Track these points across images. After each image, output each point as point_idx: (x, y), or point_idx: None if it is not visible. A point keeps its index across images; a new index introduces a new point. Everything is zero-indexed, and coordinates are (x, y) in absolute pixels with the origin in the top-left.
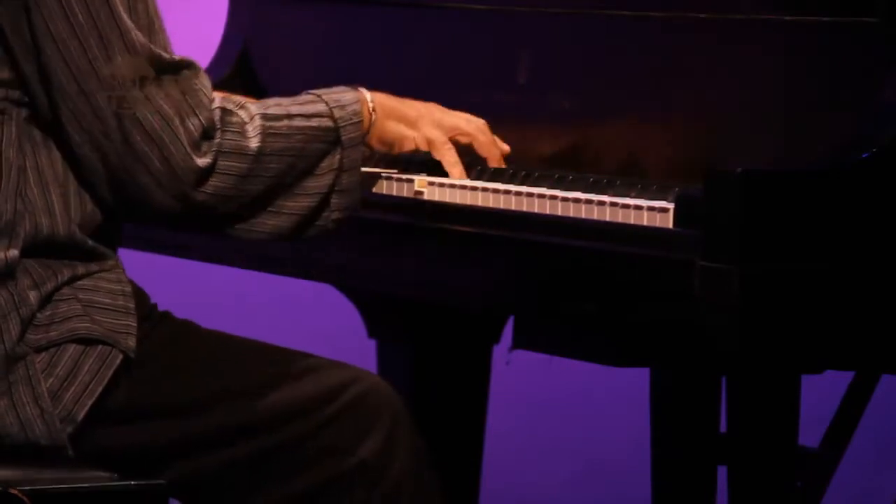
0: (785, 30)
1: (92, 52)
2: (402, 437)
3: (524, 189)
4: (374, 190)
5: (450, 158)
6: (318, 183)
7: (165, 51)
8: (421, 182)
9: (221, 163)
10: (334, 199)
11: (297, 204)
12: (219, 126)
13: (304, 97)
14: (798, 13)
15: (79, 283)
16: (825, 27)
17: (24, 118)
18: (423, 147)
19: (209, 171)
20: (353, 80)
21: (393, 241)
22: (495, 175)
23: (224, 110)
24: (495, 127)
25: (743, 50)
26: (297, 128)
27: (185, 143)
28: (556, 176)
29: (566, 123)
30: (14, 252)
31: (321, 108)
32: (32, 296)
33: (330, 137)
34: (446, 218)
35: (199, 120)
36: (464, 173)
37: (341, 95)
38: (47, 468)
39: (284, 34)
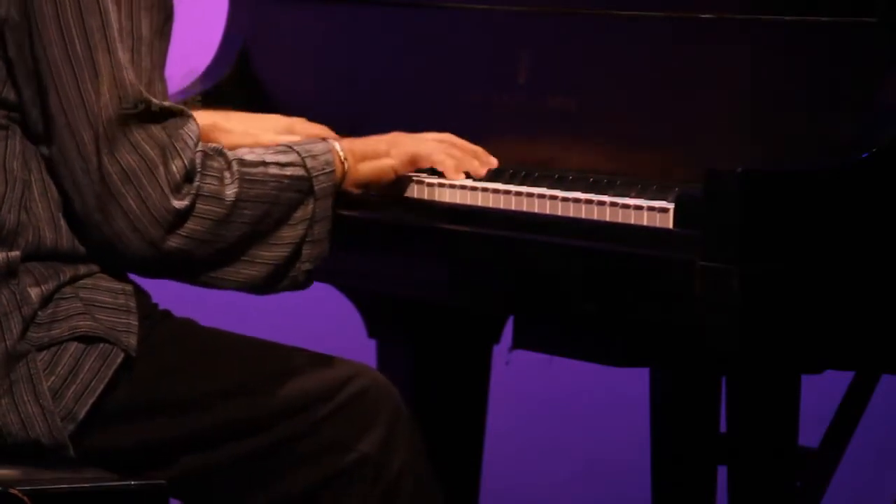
0: (785, 30)
1: (84, 85)
2: (402, 431)
3: (524, 189)
4: (374, 190)
5: (438, 157)
6: (292, 233)
7: (158, 97)
8: (421, 182)
9: (200, 206)
10: (306, 250)
11: (271, 253)
12: (199, 169)
13: (276, 147)
14: (798, 13)
15: (80, 281)
16: (825, 27)
17: (30, 139)
18: (407, 168)
19: (187, 213)
20: (353, 80)
21: (393, 241)
22: (495, 175)
23: (206, 154)
24: (495, 127)
25: (743, 50)
26: (272, 175)
27: (164, 184)
28: (556, 176)
29: (566, 123)
30: (16, 253)
31: (294, 157)
32: (34, 294)
33: (303, 187)
34: (447, 218)
35: (183, 162)
36: (461, 174)
37: (312, 146)
38: (47, 468)
39: (284, 34)
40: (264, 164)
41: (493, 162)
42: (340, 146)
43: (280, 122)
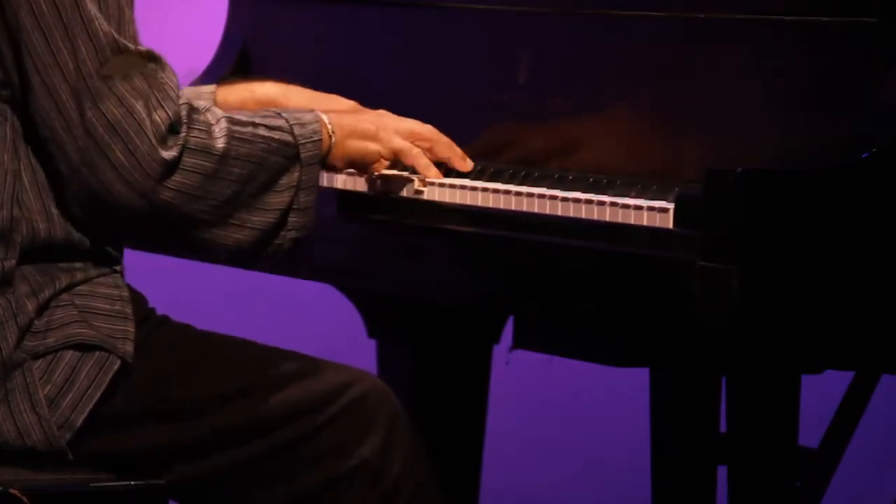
0: (785, 30)
1: (55, 44)
2: (400, 437)
3: (524, 189)
4: (374, 190)
5: (422, 162)
6: (278, 199)
7: (133, 42)
8: (421, 182)
9: (187, 159)
10: (292, 218)
11: (258, 218)
12: (185, 121)
13: (265, 111)
14: (798, 13)
15: (76, 288)
16: (825, 27)
17: (19, 119)
18: (390, 157)
19: (174, 165)
20: (353, 80)
21: (393, 240)
22: (495, 175)
23: (192, 108)
24: (495, 127)
25: (743, 50)
26: (261, 136)
27: (151, 135)
28: (556, 176)
29: (566, 123)
30: (11, 262)
31: (282, 123)
32: (30, 304)
33: (290, 153)
34: (446, 218)
35: (167, 113)
36: (440, 173)
37: (301, 115)
38: (47, 469)
39: (284, 34)
40: (253, 124)
41: (470, 164)
42: (329, 119)
43: (340, 104)
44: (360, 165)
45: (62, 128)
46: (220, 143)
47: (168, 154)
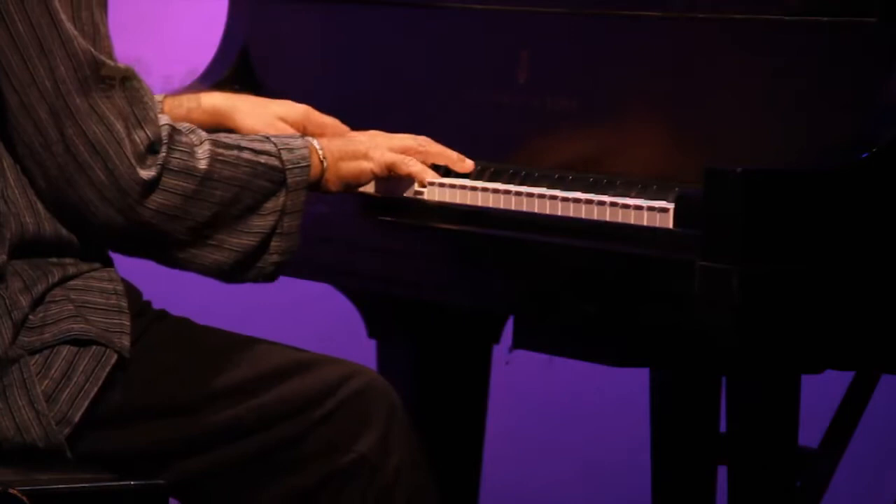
0: (785, 30)
1: (32, 63)
2: (398, 432)
3: (524, 189)
4: (374, 190)
5: (416, 169)
6: (261, 222)
7: (110, 58)
8: (421, 182)
9: (168, 180)
10: (275, 242)
11: (239, 241)
12: (165, 142)
13: (253, 136)
14: (798, 13)
15: (70, 283)
16: (825, 27)
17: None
18: (384, 173)
19: (153, 185)
20: (353, 81)
21: (392, 240)
22: (495, 175)
23: (174, 129)
24: (495, 127)
25: (743, 50)
26: (245, 160)
27: (130, 154)
28: (556, 176)
29: (566, 123)
30: (3, 257)
31: (269, 147)
32: (24, 299)
33: (276, 178)
34: (446, 218)
35: (146, 133)
36: (436, 175)
37: (290, 140)
38: (47, 468)
39: (284, 34)
40: (239, 147)
41: (469, 164)
42: (320, 144)
43: (292, 110)
44: (355, 186)
45: (41, 145)
46: (202, 165)
47: (146, 174)
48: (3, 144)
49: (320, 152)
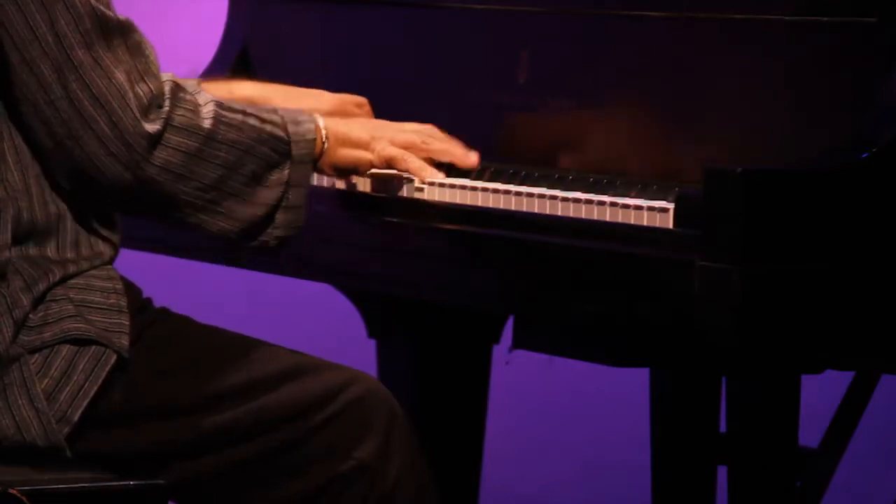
0: (785, 30)
1: (31, 17)
2: (398, 438)
3: (524, 189)
4: (374, 190)
5: (414, 165)
6: (266, 194)
7: (108, 9)
8: (420, 181)
9: (172, 137)
10: (279, 215)
11: (244, 211)
12: (168, 97)
13: (261, 107)
14: (798, 13)
15: (71, 281)
16: (825, 27)
17: (0, 99)
18: (383, 166)
19: (157, 139)
20: (353, 80)
21: (392, 240)
22: (495, 175)
23: (178, 86)
24: (495, 127)
25: (743, 50)
26: (250, 125)
27: (134, 107)
28: (556, 176)
29: (566, 123)
30: (5, 254)
31: (276, 118)
32: (25, 298)
33: (281, 148)
34: (446, 218)
35: (149, 87)
36: (436, 172)
37: (297, 115)
38: (47, 468)
39: (284, 34)
40: (244, 112)
41: (474, 160)
42: (325, 124)
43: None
44: (351, 173)
45: (45, 102)
46: (206, 124)
47: (151, 127)
48: (6, 113)
49: (323, 132)
